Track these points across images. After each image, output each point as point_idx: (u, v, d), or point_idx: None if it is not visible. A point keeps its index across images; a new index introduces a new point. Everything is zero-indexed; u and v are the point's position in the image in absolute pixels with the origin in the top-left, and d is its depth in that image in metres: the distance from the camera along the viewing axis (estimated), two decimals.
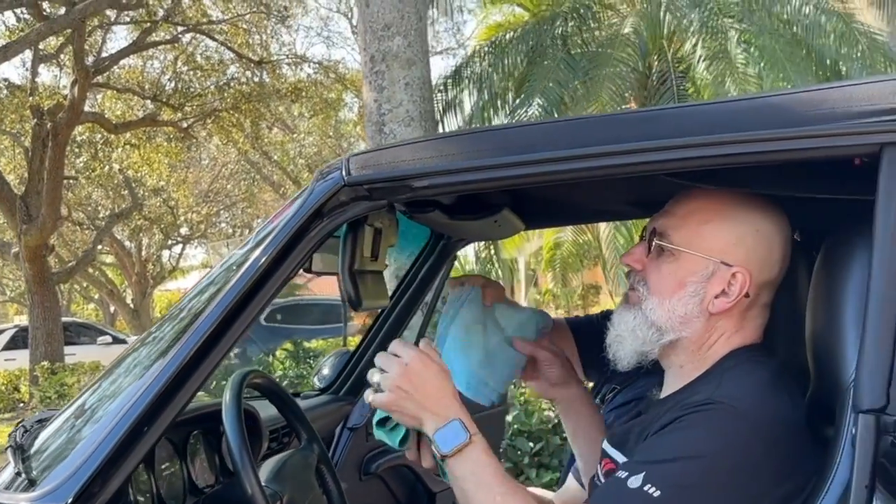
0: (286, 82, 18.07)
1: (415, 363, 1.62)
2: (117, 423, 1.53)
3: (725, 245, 1.61)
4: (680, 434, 1.49)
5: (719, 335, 1.65)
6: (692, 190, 1.66)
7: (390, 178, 1.59)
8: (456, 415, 1.61)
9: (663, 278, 1.64)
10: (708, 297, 1.61)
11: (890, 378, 1.38)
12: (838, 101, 1.51)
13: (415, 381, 1.62)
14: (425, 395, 1.62)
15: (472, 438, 1.59)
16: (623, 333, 1.68)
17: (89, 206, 23.72)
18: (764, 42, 8.93)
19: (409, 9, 6.29)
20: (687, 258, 1.62)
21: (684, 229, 1.63)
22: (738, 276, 1.60)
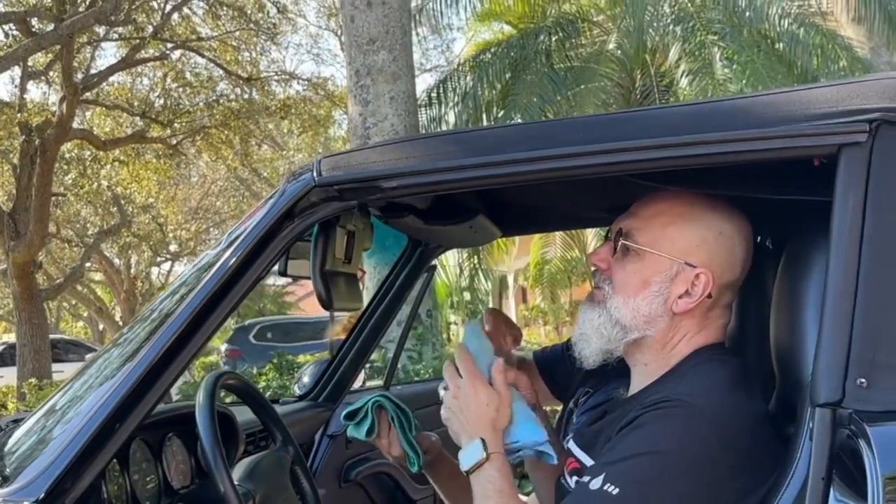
0: (275, 99, 18.09)
1: (465, 388, 1.73)
2: (88, 420, 1.54)
3: (689, 246, 1.65)
4: (637, 432, 1.52)
5: (682, 335, 1.68)
6: (657, 192, 1.70)
7: (360, 179, 1.62)
8: (482, 435, 1.69)
9: (628, 277, 1.68)
10: (672, 297, 1.65)
11: (845, 372, 1.42)
12: (798, 103, 1.55)
13: (461, 404, 1.72)
14: (466, 419, 1.71)
15: (491, 456, 1.66)
16: (588, 332, 1.72)
17: (78, 224, 23.66)
18: (746, 58, 8.99)
19: (394, 24, 6.34)
20: (651, 258, 1.66)
21: (649, 230, 1.67)
22: (702, 276, 1.64)
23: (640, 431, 1.52)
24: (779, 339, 1.75)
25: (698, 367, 1.63)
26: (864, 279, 1.44)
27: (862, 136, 1.48)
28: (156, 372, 1.57)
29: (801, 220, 1.77)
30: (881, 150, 1.47)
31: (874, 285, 1.44)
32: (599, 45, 10.48)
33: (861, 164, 1.47)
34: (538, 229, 4.02)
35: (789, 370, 1.69)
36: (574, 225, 2.74)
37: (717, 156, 1.55)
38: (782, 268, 1.80)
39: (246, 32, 17.01)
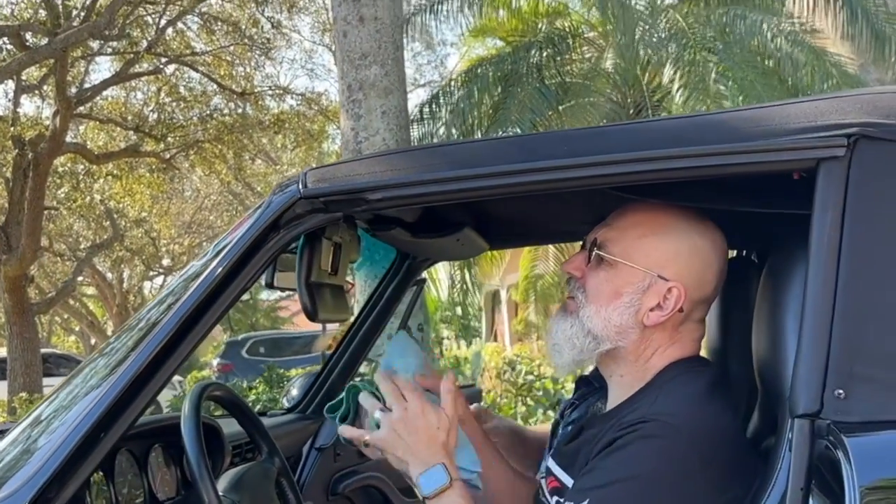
0: (269, 114, 18.10)
1: (413, 410, 1.69)
2: (73, 429, 1.55)
3: (662, 259, 1.66)
4: (617, 455, 1.53)
5: (655, 348, 1.69)
6: (634, 203, 1.72)
7: (345, 191, 1.64)
8: (440, 460, 1.66)
9: (600, 286, 1.68)
10: (643, 310, 1.66)
11: (823, 383, 1.43)
12: (777, 118, 1.57)
13: (409, 427, 1.69)
14: (416, 442, 1.68)
15: (453, 483, 1.64)
16: (560, 342, 1.72)
17: (70, 237, 23.63)
18: (741, 75, 9.03)
19: (386, 39, 6.37)
20: (624, 269, 1.66)
21: (623, 241, 1.68)
22: (674, 290, 1.64)
23: (619, 455, 1.52)
24: (760, 350, 1.77)
25: (674, 382, 1.63)
26: (843, 291, 1.46)
27: (840, 151, 1.50)
28: (141, 381, 1.58)
29: (782, 233, 1.79)
30: (859, 164, 1.49)
31: (852, 297, 1.46)
32: (591, 61, 10.54)
33: (839, 178, 1.49)
34: (525, 242, 4.04)
35: (770, 382, 1.71)
36: (560, 238, 2.75)
37: (699, 169, 1.57)
38: (763, 280, 1.82)
39: (240, 47, 17.03)
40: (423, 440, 1.68)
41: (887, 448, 1.41)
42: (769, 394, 1.75)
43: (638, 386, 1.68)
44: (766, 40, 9.65)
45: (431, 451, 1.67)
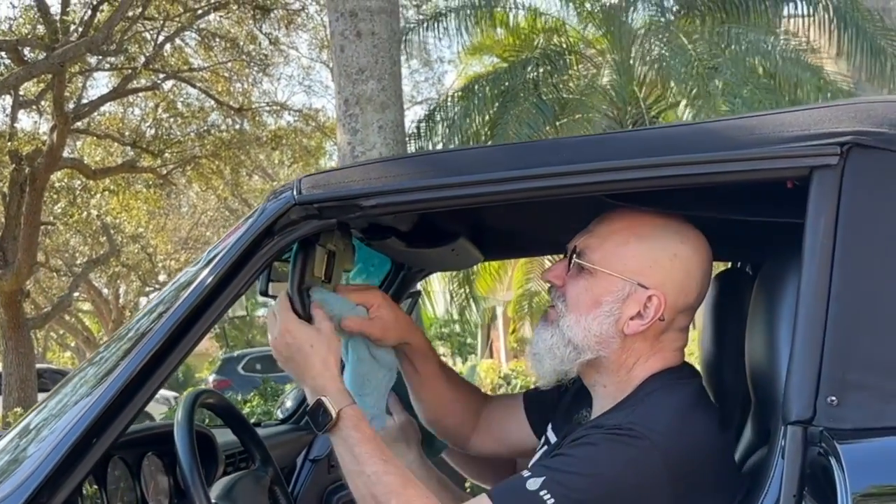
0: (266, 130, 18.14)
1: (280, 336, 1.68)
2: (64, 435, 1.54)
3: (642, 268, 1.63)
4: (588, 448, 1.52)
5: (637, 357, 1.67)
6: (616, 210, 1.70)
7: (339, 197, 1.64)
8: (323, 391, 1.63)
9: (580, 295, 1.66)
10: (623, 319, 1.63)
11: (816, 390, 1.43)
12: (771, 126, 1.59)
13: (283, 353, 1.69)
14: (295, 366, 1.68)
15: (340, 414, 1.61)
16: (541, 352, 1.70)
17: (66, 253, 23.62)
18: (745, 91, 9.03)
19: (383, 54, 6.39)
20: (604, 277, 1.64)
21: (603, 249, 1.66)
22: (654, 299, 1.62)
23: (590, 449, 1.52)
24: (753, 360, 1.78)
25: (655, 394, 1.62)
26: (836, 299, 1.47)
27: (833, 159, 1.51)
28: (135, 385, 1.58)
29: (774, 243, 1.79)
30: (852, 173, 1.50)
31: (845, 304, 1.47)
32: (588, 77, 10.58)
33: (832, 187, 1.50)
34: (520, 253, 4.04)
35: (763, 391, 1.71)
36: (555, 250, 2.73)
37: (692, 177, 1.57)
38: (756, 289, 1.82)
39: (238, 63, 17.07)
40: (298, 362, 1.67)
41: (880, 455, 1.42)
42: (762, 403, 1.75)
43: (620, 397, 1.66)
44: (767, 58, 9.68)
45: (311, 372, 1.66)
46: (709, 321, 2.10)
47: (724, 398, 1.97)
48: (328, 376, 1.66)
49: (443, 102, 10.92)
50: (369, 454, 1.59)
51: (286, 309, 1.70)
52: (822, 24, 10.06)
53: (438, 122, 10.31)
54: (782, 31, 10.68)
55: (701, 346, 2.16)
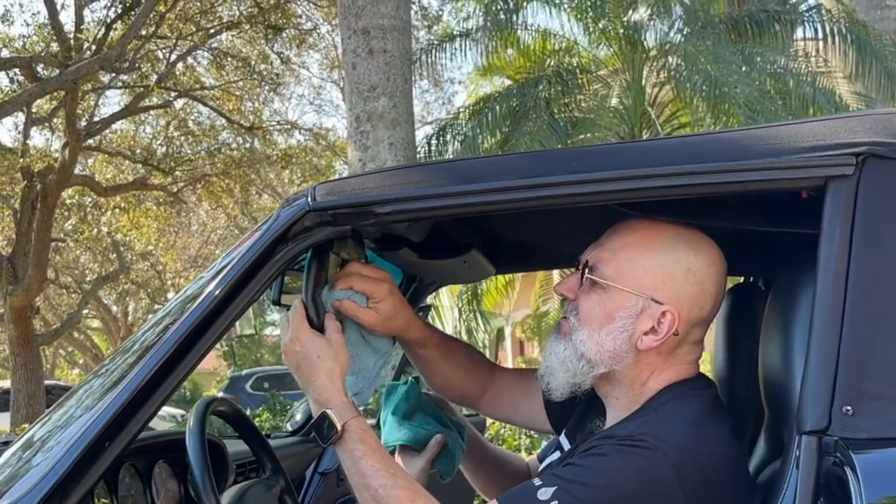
0: (277, 149, 18.21)
1: (289, 345, 1.68)
2: (76, 440, 1.54)
3: (656, 282, 1.61)
4: (599, 459, 1.51)
5: (651, 371, 1.65)
6: (627, 222, 1.69)
7: (354, 204, 1.64)
8: (328, 404, 1.63)
9: (593, 309, 1.64)
10: (637, 334, 1.61)
11: (831, 400, 1.43)
12: (786, 136, 1.58)
13: (291, 362, 1.69)
14: (301, 377, 1.68)
15: (345, 427, 1.60)
16: (553, 365, 1.69)
17: (76, 270, 23.69)
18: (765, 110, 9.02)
19: (394, 71, 6.43)
20: (617, 292, 1.62)
21: (615, 263, 1.64)
22: (668, 314, 1.60)
23: (600, 460, 1.50)
24: (767, 372, 1.77)
25: (668, 405, 1.60)
26: (851, 308, 1.46)
27: (849, 169, 1.50)
28: (148, 389, 1.57)
29: (788, 254, 1.79)
30: (867, 183, 1.50)
31: (860, 314, 1.46)
32: (601, 97, 10.60)
33: (848, 197, 1.50)
34: (532, 267, 4.03)
35: (777, 403, 1.70)
36: (567, 263, 2.73)
37: (707, 186, 1.57)
38: (770, 300, 1.82)
39: (249, 82, 17.16)
40: (304, 373, 1.66)
41: (895, 465, 1.40)
42: (776, 415, 1.74)
43: (633, 408, 1.65)
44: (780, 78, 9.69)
45: (315, 384, 1.65)
46: (721, 335, 2.10)
47: (738, 410, 1.96)
48: (333, 389, 1.65)
49: (454, 120, 10.93)
50: (375, 467, 1.58)
51: (300, 317, 1.69)
52: (835, 47, 10.06)
53: (449, 139, 10.32)
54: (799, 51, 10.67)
55: (714, 359, 2.15)
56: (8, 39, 14.46)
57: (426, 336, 1.98)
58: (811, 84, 9.64)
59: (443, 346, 2.04)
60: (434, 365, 2.03)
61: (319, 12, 16.03)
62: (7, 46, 14.35)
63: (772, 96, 9.44)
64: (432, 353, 2.01)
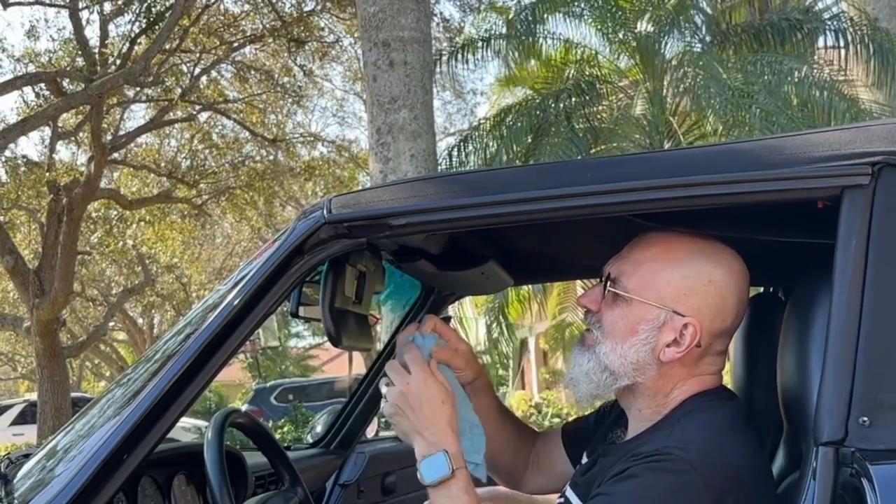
0: (300, 161, 18.29)
1: (415, 384, 1.67)
2: (96, 451, 1.55)
3: (677, 295, 1.62)
4: (627, 483, 1.51)
5: (675, 383, 1.65)
6: (649, 234, 1.70)
7: (369, 217, 1.64)
8: (445, 446, 1.63)
9: (616, 322, 1.65)
10: (659, 346, 1.62)
11: (848, 411, 1.42)
12: (802, 146, 1.58)
13: (412, 402, 1.66)
14: (420, 418, 1.65)
15: (455, 474, 1.61)
16: (578, 377, 1.69)
17: (102, 283, 23.85)
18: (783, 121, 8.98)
19: (415, 83, 6.45)
20: (639, 305, 1.63)
21: (637, 276, 1.65)
22: (690, 327, 1.60)
23: (629, 483, 1.50)
24: (785, 383, 1.76)
25: (692, 415, 1.60)
26: (867, 319, 1.45)
27: (865, 179, 1.50)
28: (167, 400, 1.58)
29: (806, 265, 1.78)
30: (884, 193, 1.49)
31: (877, 325, 1.45)
32: (622, 108, 10.58)
33: (864, 206, 1.49)
34: (550, 278, 4.03)
35: (795, 414, 1.69)
36: (585, 274, 2.73)
37: (722, 197, 1.57)
38: (788, 312, 1.81)
39: (273, 95, 17.26)
40: (426, 415, 1.65)
41: None
42: (795, 427, 1.73)
43: (656, 419, 1.65)
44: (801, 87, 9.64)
45: (435, 428, 1.64)
46: (741, 346, 2.09)
47: (758, 422, 1.95)
48: (452, 434, 1.66)
49: (475, 132, 10.95)
50: None
51: (421, 361, 1.71)
52: (857, 55, 10.00)
53: (471, 151, 10.34)
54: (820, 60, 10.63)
55: (733, 370, 2.14)
56: (34, 55, 14.64)
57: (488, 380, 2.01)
58: (833, 93, 9.58)
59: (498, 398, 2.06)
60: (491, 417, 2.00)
61: (342, 25, 16.10)
62: (33, 62, 14.52)
63: (792, 106, 9.39)
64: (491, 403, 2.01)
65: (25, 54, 14.65)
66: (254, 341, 21.11)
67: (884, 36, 9.86)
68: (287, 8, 15.55)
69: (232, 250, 26.03)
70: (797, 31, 10.32)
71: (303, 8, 15.48)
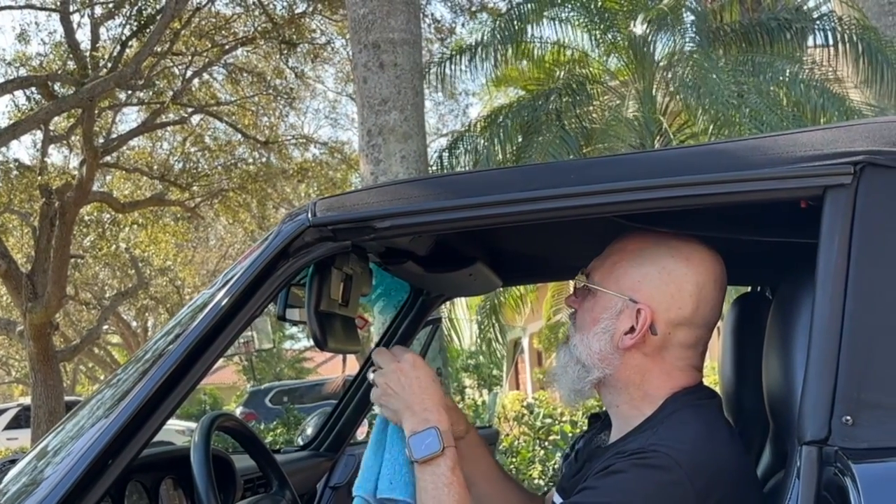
0: (293, 163, 18.27)
1: (405, 364, 1.70)
2: (81, 456, 1.55)
3: (633, 283, 1.66)
4: (612, 479, 1.52)
5: (642, 374, 1.67)
6: (628, 234, 1.73)
7: (354, 219, 1.65)
8: (436, 423, 1.65)
9: (584, 315, 1.71)
10: (618, 333, 1.65)
11: (831, 410, 1.42)
12: (784, 146, 1.58)
13: (402, 381, 1.69)
14: (411, 395, 1.68)
15: (445, 451, 1.63)
16: (558, 372, 1.75)
17: (95, 286, 23.80)
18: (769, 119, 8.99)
19: (405, 85, 6.44)
20: (602, 296, 1.69)
21: (602, 269, 1.71)
22: (642, 312, 1.63)
23: (615, 478, 1.51)
24: (770, 381, 1.76)
25: (676, 415, 1.61)
26: (850, 318, 1.46)
27: (847, 178, 1.50)
28: (150, 408, 1.58)
29: (791, 264, 1.79)
30: (865, 192, 1.50)
31: (859, 324, 1.46)
32: (613, 108, 10.58)
33: (846, 206, 1.50)
34: (538, 279, 4.03)
35: (780, 413, 1.70)
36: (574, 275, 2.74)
37: (706, 197, 1.57)
38: (773, 311, 1.81)
39: (265, 97, 17.25)
40: (416, 392, 1.68)
41: (895, 475, 1.40)
42: (780, 426, 1.74)
43: (639, 417, 1.66)
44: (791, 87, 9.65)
45: (425, 404, 1.67)
46: (728, 345, 2.09)
47: (745, 421, 1.96)
48: (443, 412, 1.69)
49: (466, 133, 10.95)
50: (456, 499, 1.61)
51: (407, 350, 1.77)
52: (846, 54, 10.02)
53: (461, 152, 10.34)
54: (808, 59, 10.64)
55: (720, 370, 2.15)
56: (25, 58, 14.61)
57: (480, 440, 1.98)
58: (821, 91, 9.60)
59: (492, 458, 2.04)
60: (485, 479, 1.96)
61: (333, 27, 16.09)
62: (24, 65, 14.49)
63: (782, 107, 9.41)
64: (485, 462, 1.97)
65: (16, 58, 14.62)
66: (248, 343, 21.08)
67: (872, 34, 9.88)
68: (278, 10, 15.54)
69: (225, 253, 25.98)
70: (787, 31, 10.33)
71: (294, 10, 15.47)
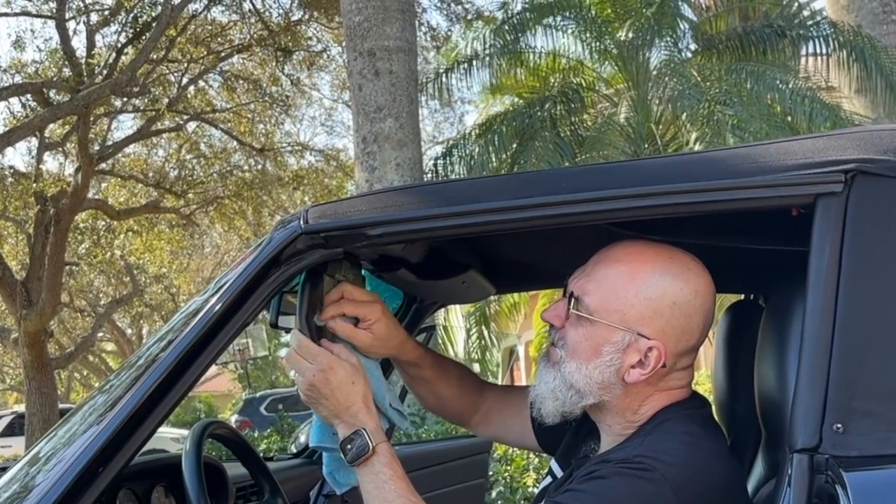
0: (288, 170, 18.29)
1: (320, 374, 1.67)
2: (71, 464, 1.54)
3: (641, 318, 1.60)
4: (595, 483, 1.51)
5: (642, 400, 1.65)
6: (611, 250, 1.68)
7: (346, 227, 1.64)
8: (363, 425, 1.64)
9: (580, 342, 1.63)
10: (624, 367, 1.60)
11: (822, 418, 1.42)
12: (776, 154, 1.58)
13: (323, 391, 1.67)
14: (334, 404, 1.67)
15: (376, 449, 1.62)
16: (544, 393, 1.68)
17: (90, 293, 23.78)
18: (756, 127, 9.02)
19: (400, 92, 6.46)
20: (603, 327, 1.61)
21: (600, 296, 1.62)
22: (655, 350, 1.59)
23: (598, 483, 1.50)
24: (762, 389, 1.77)
25: (663, 426, 1.60)
26: (841, 326, 1.45)
27: (838, 187, 1.50)
28: (140, 415, 1.58)
29: (783, 272, 1.79)
30: (857, 200, 1.50)
31: (850, 332, 1.45)
32: (607, 115, 10.61)
33: (837, 214, 1.50)
34: (532, 286, 4.03)
35: (772, 421, 1.70)
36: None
37: (697, 205, 1.57)
38: (765, 319, 1.82)
39: (260, 105, 17.26)
40: (339, 400, 1.66)
41: (886, 483, 1.40)
42: (772, 433, 1.74)
43: (627, 433, 1.65)
44: (784, 96, 9.68)
45: (350, 411, 1.65)
46: (721, 353, 2.09)
47: (738, 429, 1.96)
48: (368, 412, 1.67)
49: (461, 140, 10.96)
50: (398, 492, 1.60)
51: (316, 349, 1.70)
52: (840, 63, 10.04)
53: (456, 160, 10.35)
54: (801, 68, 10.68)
55: (713, 378, 2.15)
56: (20, 65, 14.60)
57: (420, 356, 2.00)
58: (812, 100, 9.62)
59: (436, 366, 2.06)
60: (429, 385, 2.05)
61: (329, 34, 16.13)
62: (20, 72, 14.49)
63: (773, 115, 9.44)
64: (427, 374, 2.02)
65: (12, 65, 14.60)
66: (243, 351, 21.06)
67: (866, 42, 9.90)
68: (274, 17, 15.56)
69: (221, 260, 25.98)
70: (781, 39, 10.36)
71: (290, 17, 15.49)
